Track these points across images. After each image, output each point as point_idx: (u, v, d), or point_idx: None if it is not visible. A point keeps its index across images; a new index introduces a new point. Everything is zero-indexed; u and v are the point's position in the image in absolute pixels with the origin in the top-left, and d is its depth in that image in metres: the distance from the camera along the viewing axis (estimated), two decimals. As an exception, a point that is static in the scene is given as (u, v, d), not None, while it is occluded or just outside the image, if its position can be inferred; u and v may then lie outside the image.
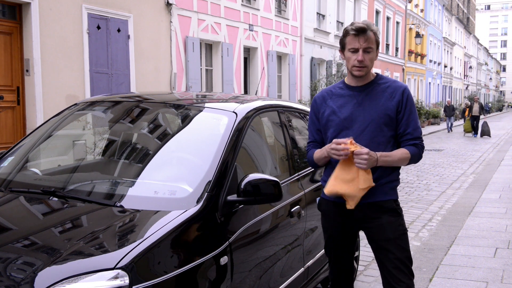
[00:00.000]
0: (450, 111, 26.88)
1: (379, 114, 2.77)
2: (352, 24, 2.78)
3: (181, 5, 12.06)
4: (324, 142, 2.93)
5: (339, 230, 2.92)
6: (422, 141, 2.86)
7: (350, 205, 2.74)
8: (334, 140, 2.72)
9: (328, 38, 20.30)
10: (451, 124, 26.85)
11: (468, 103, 25.93)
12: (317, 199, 3.06)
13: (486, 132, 22.93)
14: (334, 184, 2.75)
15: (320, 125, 2.94)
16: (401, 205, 2.94)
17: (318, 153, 2.89)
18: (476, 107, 24.08)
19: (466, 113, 24.95)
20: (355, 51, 2.74)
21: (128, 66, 10.41)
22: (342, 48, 2.83)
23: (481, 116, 25.68)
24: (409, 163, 2.84)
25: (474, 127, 23.99)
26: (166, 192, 2.66)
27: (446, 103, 28.57)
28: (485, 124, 23.19)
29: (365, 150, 2.66)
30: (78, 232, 2.40)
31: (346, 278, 3.05)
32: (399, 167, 2.89)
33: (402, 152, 2.79)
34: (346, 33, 2.77)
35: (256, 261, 2.85)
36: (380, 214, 2.80)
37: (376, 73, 2.91)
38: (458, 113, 34.76)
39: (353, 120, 2.80)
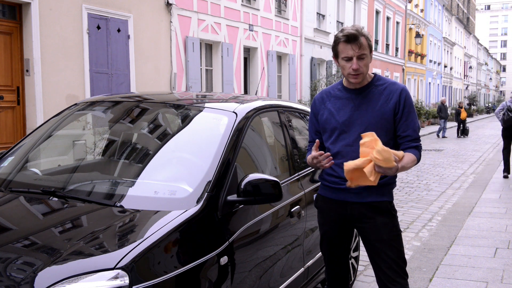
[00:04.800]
0: (445, 112, 22.73)
1: (376, 118, 2.76)
2: (342, 30, 2.71)
3: (181, 5, 12.06)
4: (323, 143, 2.93)
5: (334, 227, 2.93)
6: (420, 141, 2.86)
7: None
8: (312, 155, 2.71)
9: (328, 38, 20.30)
10: (445, 128, 22.80)
11: (463, 102, 23.38)
12: (314, 195, 3.08)
13: None
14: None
15: (319, 127, 2.94)
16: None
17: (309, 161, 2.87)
18: None
19: (463, 114, 22.44)
20: (349, 59, 2.69)
21: (128, 66, 10.41)
22: (335, 56, 2.78)
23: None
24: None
25: None
26: (166, 192, 2.65)
27: (441, 103, 23.68)
28: None
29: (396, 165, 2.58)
30: (78, 232, 2.40)
31: (340, 277, 3.06)
32: None
33: (412, 159, 2.74)
34: (337, 40, 2.72)
35: (256, 261, 2.86)
36: (375, 214, 2.80)
37: (374, 73, 2.89)
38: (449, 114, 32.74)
39: (350, 123, 2.79)
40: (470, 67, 60.18)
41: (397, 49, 31.38)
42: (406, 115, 2.78)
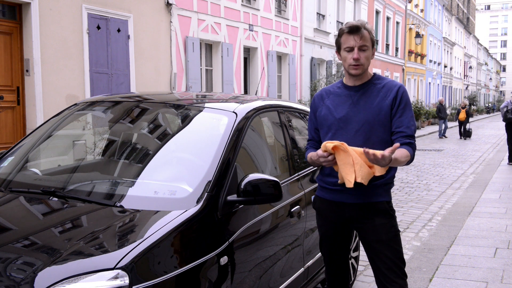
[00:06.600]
0: (444, 112, 22.50)
1: (373, 115, 2.76)
2: (346, 23, 2.79)
3: (181, 5, 12.06)
4: (321, 140, 2.93)
5: (332, 228, 2.94)
6: (415, 140, 2.83)
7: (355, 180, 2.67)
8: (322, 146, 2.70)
9: (328, 38, 20.30)
10: (446, 127, 22.56)
11: (466, 102, 23.44)
12: (312, 197, 3.08)
13: None
14: (342, 175, 2.70)
15: (317, 124, 2.94)
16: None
17: (311, 157, 2.85)
18: None
19: (461, 115, 22.11)
20: (351, 49, 2.73)
21: (128, 66, 10.41)
22: (338, 49, 2.83)
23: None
24: (405, 165, 2.82)
25: None
26: (166, 192, 2.65)
27: (439, 102, 23.49)
28: None
29: (381, 153, 2.54)
30: (78, 232, 2.40)
31: (341, 277, 3.06)
32: (396, 169, 2.89)
33: (405, 153, 2.72)
34: (341, 32, 2.79)
35: (256, 261, 2.86)
36: (373, 215, 2.80)
37: (374, 73, 2.91)
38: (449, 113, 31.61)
39: (348, 120, 2.79)
40: (470, 67, 60.17)
41: (397, 49, 31.37)
42: (401, 111, 2.77)
